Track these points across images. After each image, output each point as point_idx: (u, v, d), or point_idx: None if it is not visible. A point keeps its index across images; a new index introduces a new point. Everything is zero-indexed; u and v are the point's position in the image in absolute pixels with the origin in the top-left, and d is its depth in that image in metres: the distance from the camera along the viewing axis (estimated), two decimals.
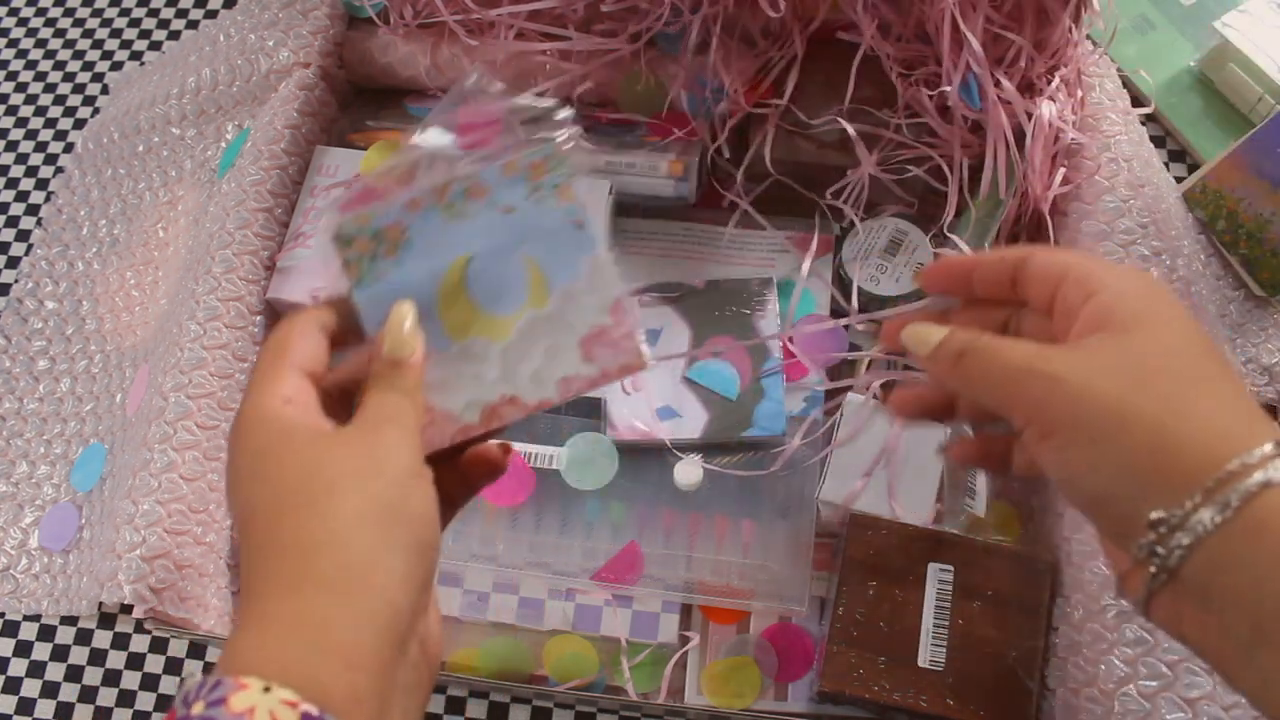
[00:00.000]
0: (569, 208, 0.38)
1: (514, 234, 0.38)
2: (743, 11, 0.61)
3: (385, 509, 0.32)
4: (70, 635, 0.61)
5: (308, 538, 0.31)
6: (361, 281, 0.37)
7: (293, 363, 0.35)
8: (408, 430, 0.35)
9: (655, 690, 0.55)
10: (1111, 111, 0.59)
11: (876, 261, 0.61)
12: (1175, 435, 0.31)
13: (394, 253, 0.37)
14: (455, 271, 0.37)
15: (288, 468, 0.33)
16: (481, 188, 0.38)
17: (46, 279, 0.70)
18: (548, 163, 0.38)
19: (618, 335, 0.38)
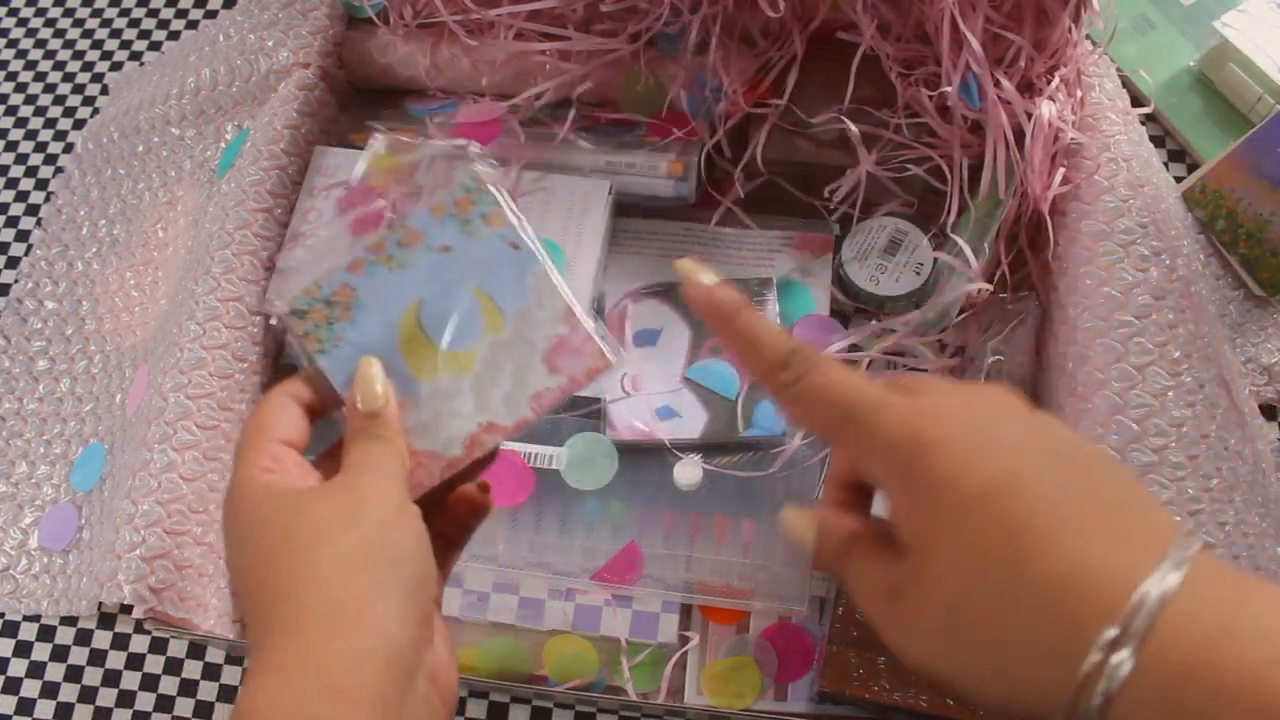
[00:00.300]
0: (502, 231, 0.40)
1: (456, 270, 0.39)
2: (742, 11, 0.61)
3: (371, 550, 0.33)
4: (70, 635, 0.61)
5: (299, 583, 0.32)
6: (323, 349, 0.39)
7: (270, 436, 0.37)
8: (387, 474, 0.36)
9: (655, 690, 0.55)
10: (1111, 111, 0.59)
11: (876, 261, 0.61)
12: (1011, 653, 0.28)
13: (348, 314, 0.39)
14: (409, 318, 0.39)
15: (273, 524, 0.34)
16: (415, 234, 0.40)
17: (46, 279, 0.70)
18: (470, 196, 0.40)
19: (577, 341, 0.40)
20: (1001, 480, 0.29)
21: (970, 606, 0.29)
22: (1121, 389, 0.51)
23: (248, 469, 0.36)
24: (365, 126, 0.67)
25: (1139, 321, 0.52)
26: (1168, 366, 0.51)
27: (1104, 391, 0.51)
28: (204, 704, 0.59)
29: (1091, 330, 0.53)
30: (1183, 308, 0.53)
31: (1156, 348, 0.51)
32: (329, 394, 0.40)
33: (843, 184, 0.60)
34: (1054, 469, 0.29)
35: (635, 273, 0.62)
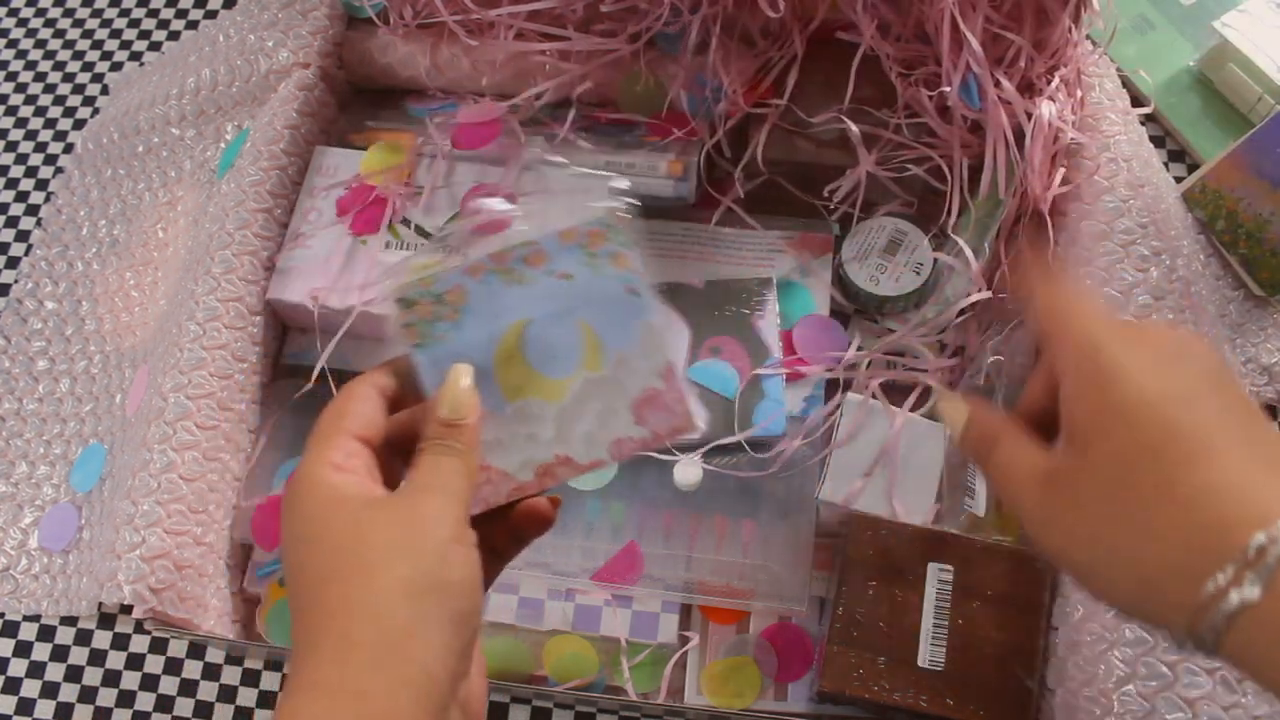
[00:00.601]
0: (625, 275, 0.39)
1: (570, 300, 0.39)
2: (742, 11, 0.61)
3: (424, 580, 0.33)
4: (70, 635, 0.61)
5: (351, 605, 0.33)
6: (422, 343, 0.38)
7: (347, 428, 0.36)
8: (453, 496, 0.36)
9: (655, 690, 0.55)
10: (1111, 111, 0.59)
11: (876, 261, 0.61)
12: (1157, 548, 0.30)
13: (454, 316, 0.38)
14: (513, 335, 0.39)
15: (335, 533, 0.34)
16: (540, 254, 0.39)
17: (46, 279, 0.70)
18: (605, 231, 0.40)
19: (669, 399, 0.39)
20: (1178, 390, 0.31)
21: (1125, 498, 0.31)
22: None
23: (319, 464, 0.36)
24: (365, 127, 0.67)
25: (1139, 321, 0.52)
26: None
27: None
28: (204, 704, 0.59)
29: None
30: (1182, 308, 0.53)
31: None
32: (413, 390, 0.39)
33: (843, 184, 0.60)
34: (1225, 400, 0.32)
35: None
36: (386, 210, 0.61)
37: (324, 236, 0.61)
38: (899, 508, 0.54)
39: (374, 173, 0.62)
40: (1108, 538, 0.31)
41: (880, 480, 0.55)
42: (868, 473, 0.55)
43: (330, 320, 0.59)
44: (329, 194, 0.62)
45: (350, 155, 0.63)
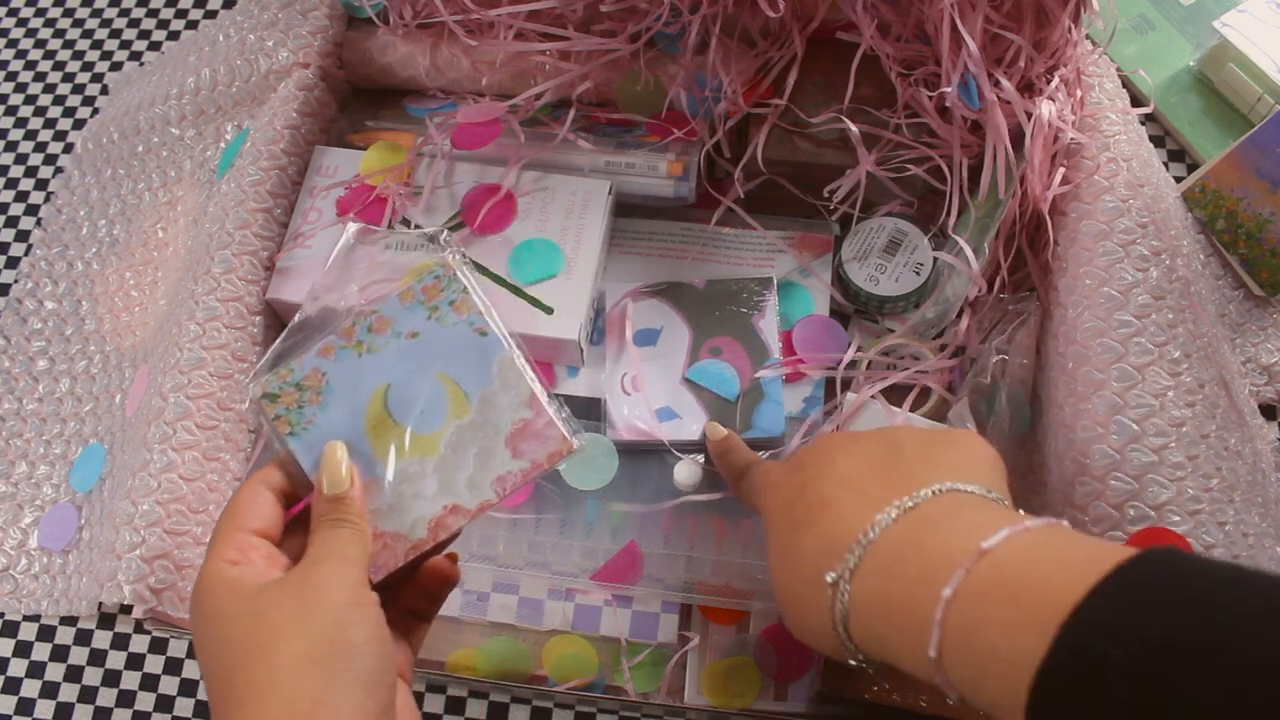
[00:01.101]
0: (470, 318, 0.41)
1: (423, 356, 0.41)
2: (742, 11, 0.61)
3: (325, 647, 0.34)
4: (70, 635, 0.61)
5: (257, 688, 0.33)
6: (293, 432, 0.40)
7: (240, 525, 0.38)
8: (345, 561, 0.37)
9: (655, 690, 0.55)
10: (1111, 111, 0.59)
11: (876, 261, 0.61)
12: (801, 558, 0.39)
13: (317, 398, 0.40)
14: (377, 402, 0.40)
15: (236, 623, 0.35)
16: (385, 320, 0.41)
17: (46, 279, 0.70)
18: (439, 283, 0.41)
19: (540, 425, 0.41)
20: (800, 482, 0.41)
21: (777, 555, 0.40)
22: (1121, 389, 0.51)
23: (214, 562, 0.37)
24: (365, 126, 0.67)
25: (1139, 321, 0.52)
26: (1168, 367, 0.51)
27: (1103, 391, 0.51)
28: (204, 704, 0.59)
29: (1091, 330, 0.53)
30: (1182, 308, 0.53)
31: (1156, 348, 0.51)
32: (300, 478, 0.41)
33: (842, 184, 0.60)
34: (829, 469, 0.41)
35: (635, 273, 0.62)
36: (386, 210, 0.61)
37: (324, 236, 0.61)
38: None
39: (374, 173, 0.62)
40: (780, 587, 0.40)
41: None
42: None
43: None
44: (329, 194, 0.62)
45: (350, 155, 0.63)
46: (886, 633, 0.35)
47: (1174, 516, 0.48)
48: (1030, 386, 0.59)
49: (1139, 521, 0.48)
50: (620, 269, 0.62)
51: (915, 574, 0.34)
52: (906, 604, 0.34)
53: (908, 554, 0.35)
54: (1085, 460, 0.51)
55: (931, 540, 0.34)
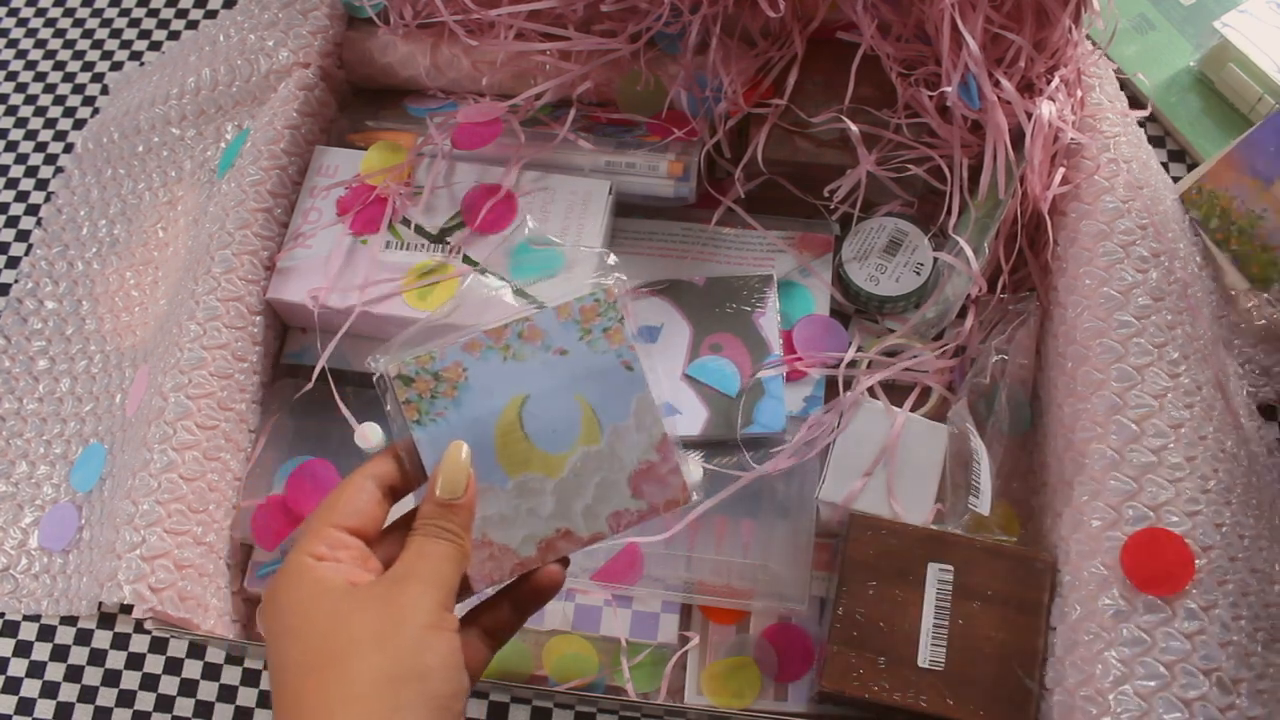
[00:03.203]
0: (619, 349, 0.40)
1: (567, 375, 0.40)
2: (742, 11, 0.61)
3: (400, 668, 0.34)
4: (70, 635, 0.61)
5: (329, 698, 0.33)
6: (420, 421, 0.39)
7: (334, 520, 0.37)
8: (434, 583, 0.36)
9: (655, 690, 0.55)
10: (1111, 112, 0.59)
11: (876, 261, 0.61)
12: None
13: (453, 393, 0.39)
14: (512, 411, 0.39)
15: (314, 624, 0.35)
16: (536, 331, 0.40)
17: (46, 279, 0.70)
18: (598, 307, 0.41)
19: (664, 471, 0.40)
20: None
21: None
22: (1121, 389, 0.51)
23: (301, 555, 0.36)
24: (365, 126, 0.67)
25: (1138, 322, 0.52)
26: (1167, 368, 0.51)
27: (1103, 391, 0.51)
28: (204, 704, 0.59)
29: (1091, 330, 0.53)
30: (1180, 309, 0.53)
31: (1156, 349, 0.51)
32: (416, 468, 0.40)
33: (843, 184, 0.60)
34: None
35: (635, 272, 0.62)
36: (386, 210, 0.61)
37: (324, 236, 0.61)
38: (899, 508, 0.54)
39: (374, 172, 0.62)
40: None
41: (880, 480, 0.55)
42: (868, 473, 0.55)
43: (330, 320, 0.59)
44: (329, 194, 0.62)
45: (350, 155, 0.63)
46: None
47: (1172, 517, 0.48)
48: (1030, 386, 0.59)
49: (1138, 522, 0.48)
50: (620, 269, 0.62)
51: None
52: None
53: None
54: (1084, 460, 0.51)
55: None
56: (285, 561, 0.37)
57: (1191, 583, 0.47)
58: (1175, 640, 0.46)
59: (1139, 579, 0.47)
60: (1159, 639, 0.46)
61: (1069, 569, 0.51)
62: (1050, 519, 0.54)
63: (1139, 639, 0.46)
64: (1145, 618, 0.46)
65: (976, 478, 0.54)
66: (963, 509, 0.54)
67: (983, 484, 0.55)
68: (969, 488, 0.54)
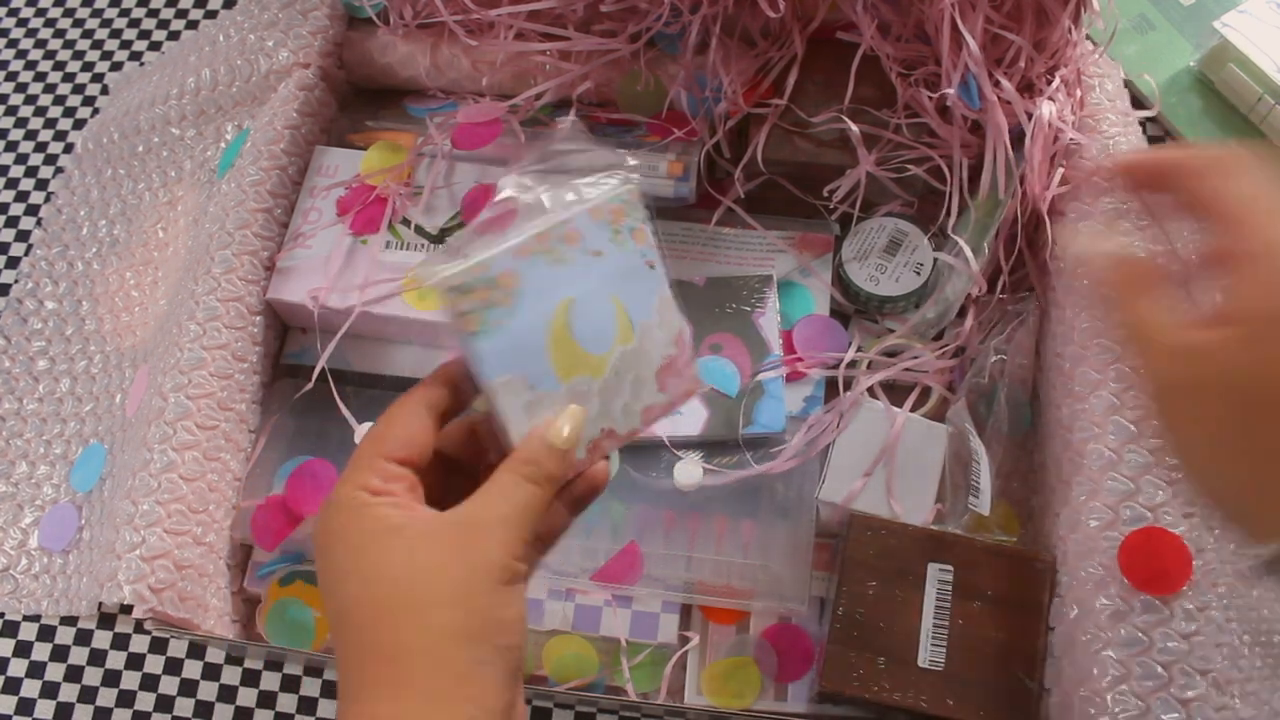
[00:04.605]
0: (644, 249, 0.40)
1: (604, 276, 0.39)
2: (742, 11, 0.61)
3: (479, 621, 0.33)
4: (70, 635, 0.61)
5: (406, 646, 0.33)
6: (482, 331, 0.37)
7: (386, 451, 0.36)
8: (518, 529, 0.35)
9: (655, 690, 0.55)
10: (1111, 112, 0.59)
11: (876, 261, 0.61)
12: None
13: (508, 300, 0.38)
14: (561, 314, 0.39)
15: (383, 569, 0.34)
16: (575, 233, 0.39)
17: (46, 279, 0.70)
18: (625, 208, 0.40)
19: (682, 363, 0.41)
20: None
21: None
22: (1119, 389, 0.51)
23: (351, 488, 0.35)
24: (365, 126, 0.67)
25: None
26: None
27: (1101, 391, 0.51)
28: (204, 704, 0.59)
29: (1089, 330, 0.53)
30: None
31: None
32: (466, 386, 0.39)
33: (842, 184, 0.60)
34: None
35: None
36: (386, 210, 0.61)
37: (324, 236, 0.61)
38: (899, 508, 0.54)
39: (374, 173, 0.62)
40: (1238, 444, 0.30)
41: (880, 480, 0.55)
42: (868, 473, 0.55)
43: (330, 320, 0.59)
44: (329, 194, 0.62)
45: (350, 155, 0.63)
46: None
47: (1169, 517, 0.48)
48: (1030, 386, 0.59)
49: (1135, 522, 0.48)
50: None
51: None
52: None
53: None
54: (1082, 460, 0.51)
55: None
56: (336, 495, 0.35)
57: (1188, 584, 0.47)
58: (1173, 640, 0.46)
59: (1136, 579, 0.47)
60: (1157, 639, 0.46)
61: (1067, 569, 0.51)
62: (1050, 519, 0.54)
63: (1137, 639, 0.46)
64: (1143, 618, 0.46)
65: (976, 477, 0.55)
66: (962, 509, 0.54)
67: (983, 484, 0.55)
68: (969, 488, 0.54)
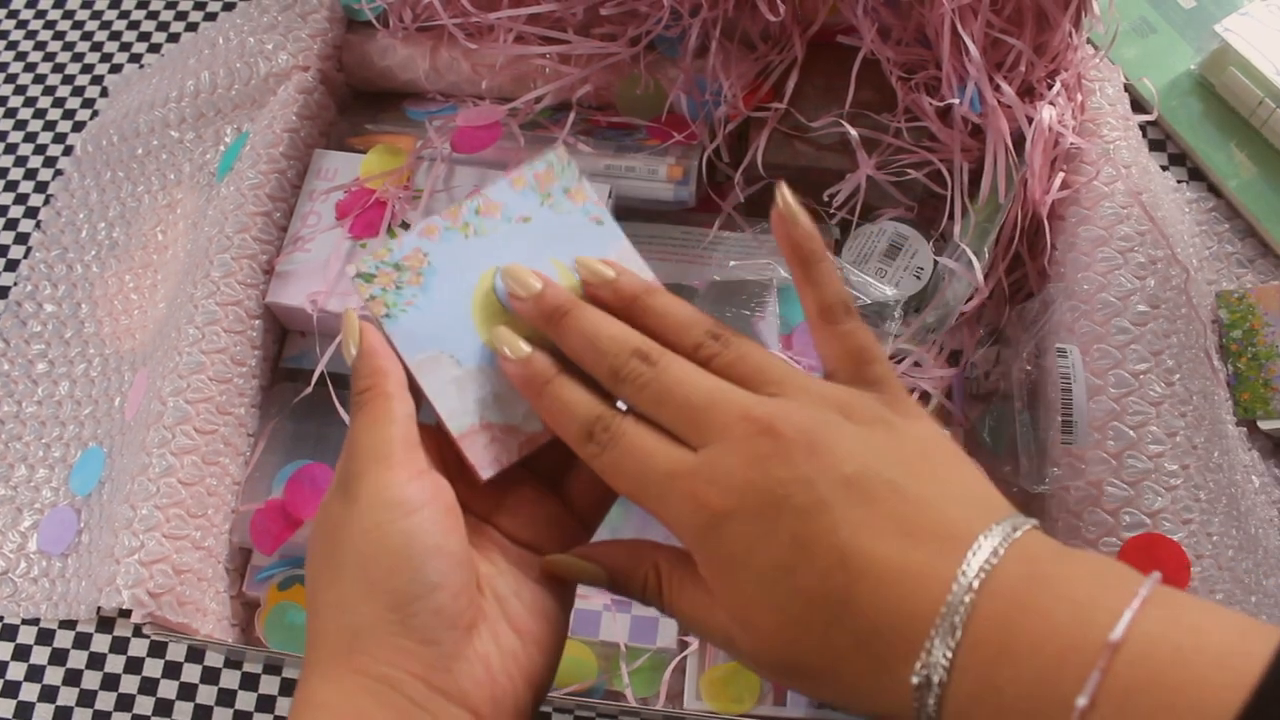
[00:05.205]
0: (585, 206, 0.38)
1: (536, 240, 0.38)
2: (742, 15, 0.61)
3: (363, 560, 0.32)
4: (69, 639, 0.61)
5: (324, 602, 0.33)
6: (389, 314, 0.37)
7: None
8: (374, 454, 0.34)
9: (654, 695, 0.55)
10: (1111, 116, 0.59)
11: (876, 265, 0.61)
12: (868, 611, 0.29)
13: (418, 279, 0.37)
14: (485, 284, 0.38)
15: (315, 533, 0.35)
16: (494, 204, 0.38)
17: (45, 282, 0.70)
18: (552, 170, 0.39)
19: None
20: (788, 553, 0.29)
21: (801, 659, 0.30)
22: (1118, 395, 0.51)
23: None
24: (364, 130, 0.67)
25: (1136, 329, 0.52)
26: (1163, 375, 0.51)
27: (1100, 397, 0.51)
28: (203, 708, 0.59)
29: (1089, 336, 0.53)
30: (1175, 317, 0.53)
31: (1153, 355, 0.51)
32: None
33: (842, 188, 0.60)
34: (845, 508, 0.29)
35: None
36: (386, 214, 0.61)
37: (323, 240, 0.61)
38: None
39: (373, 176, 0.62)
40: (807, 688, 0.31)
41: None
42: None
43: (329, 324, 0.59)
44: (328, 197, 0.62)
45: (349, 158, 0.63)
46: None
47: (1167, 524, 0.48)
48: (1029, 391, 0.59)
49: (1134, 528, 0.48)
50: None
51: (1030, 673, 0.26)
52: (1026, 707, 0.26)
53: (1010, 642, 0.27)
54: (1081, 465, 0.51)
55: (1033, 623, 0.27)
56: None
57: (1187, 590, 0.47)
58: None
59: None
60: None
61: None
62: (1047, 525, 0.54)
63: None
64: None
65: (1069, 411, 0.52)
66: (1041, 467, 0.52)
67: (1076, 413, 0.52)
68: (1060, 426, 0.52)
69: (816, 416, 0.31)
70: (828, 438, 0.30)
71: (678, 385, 0.32)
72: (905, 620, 0.28)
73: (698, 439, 0.32)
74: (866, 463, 0.30)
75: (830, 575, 0.29)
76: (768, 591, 0.30)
